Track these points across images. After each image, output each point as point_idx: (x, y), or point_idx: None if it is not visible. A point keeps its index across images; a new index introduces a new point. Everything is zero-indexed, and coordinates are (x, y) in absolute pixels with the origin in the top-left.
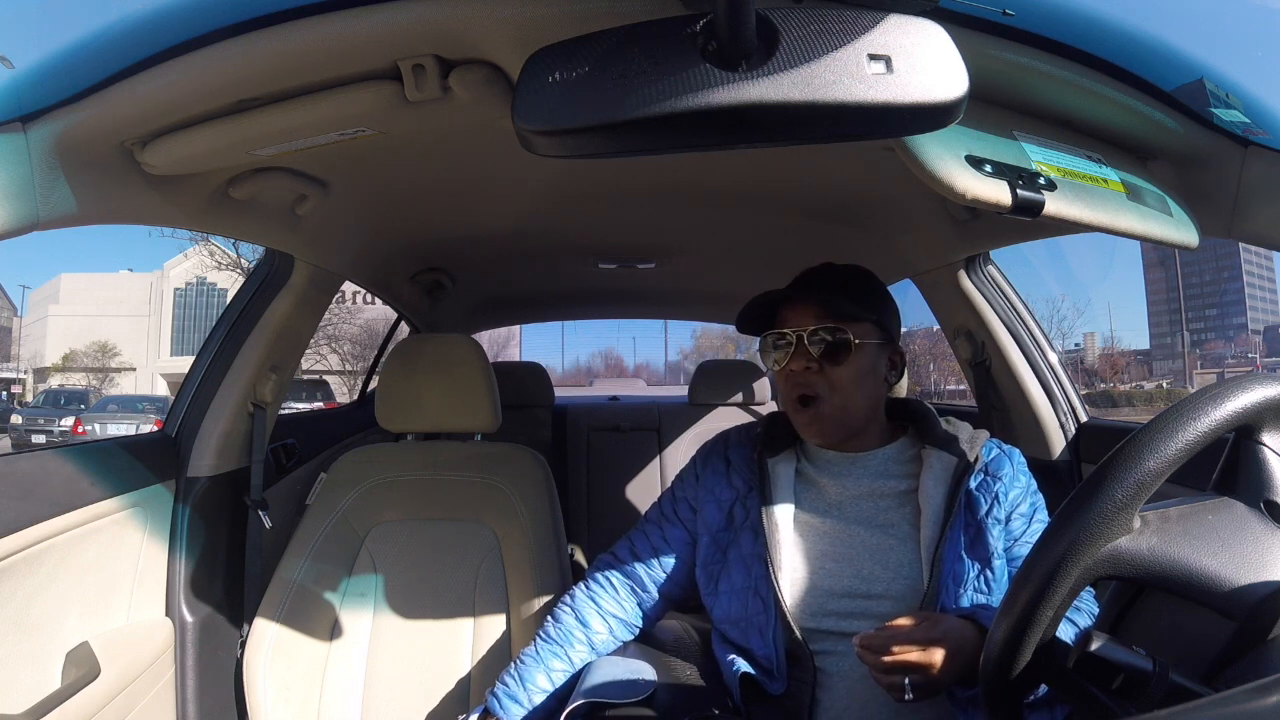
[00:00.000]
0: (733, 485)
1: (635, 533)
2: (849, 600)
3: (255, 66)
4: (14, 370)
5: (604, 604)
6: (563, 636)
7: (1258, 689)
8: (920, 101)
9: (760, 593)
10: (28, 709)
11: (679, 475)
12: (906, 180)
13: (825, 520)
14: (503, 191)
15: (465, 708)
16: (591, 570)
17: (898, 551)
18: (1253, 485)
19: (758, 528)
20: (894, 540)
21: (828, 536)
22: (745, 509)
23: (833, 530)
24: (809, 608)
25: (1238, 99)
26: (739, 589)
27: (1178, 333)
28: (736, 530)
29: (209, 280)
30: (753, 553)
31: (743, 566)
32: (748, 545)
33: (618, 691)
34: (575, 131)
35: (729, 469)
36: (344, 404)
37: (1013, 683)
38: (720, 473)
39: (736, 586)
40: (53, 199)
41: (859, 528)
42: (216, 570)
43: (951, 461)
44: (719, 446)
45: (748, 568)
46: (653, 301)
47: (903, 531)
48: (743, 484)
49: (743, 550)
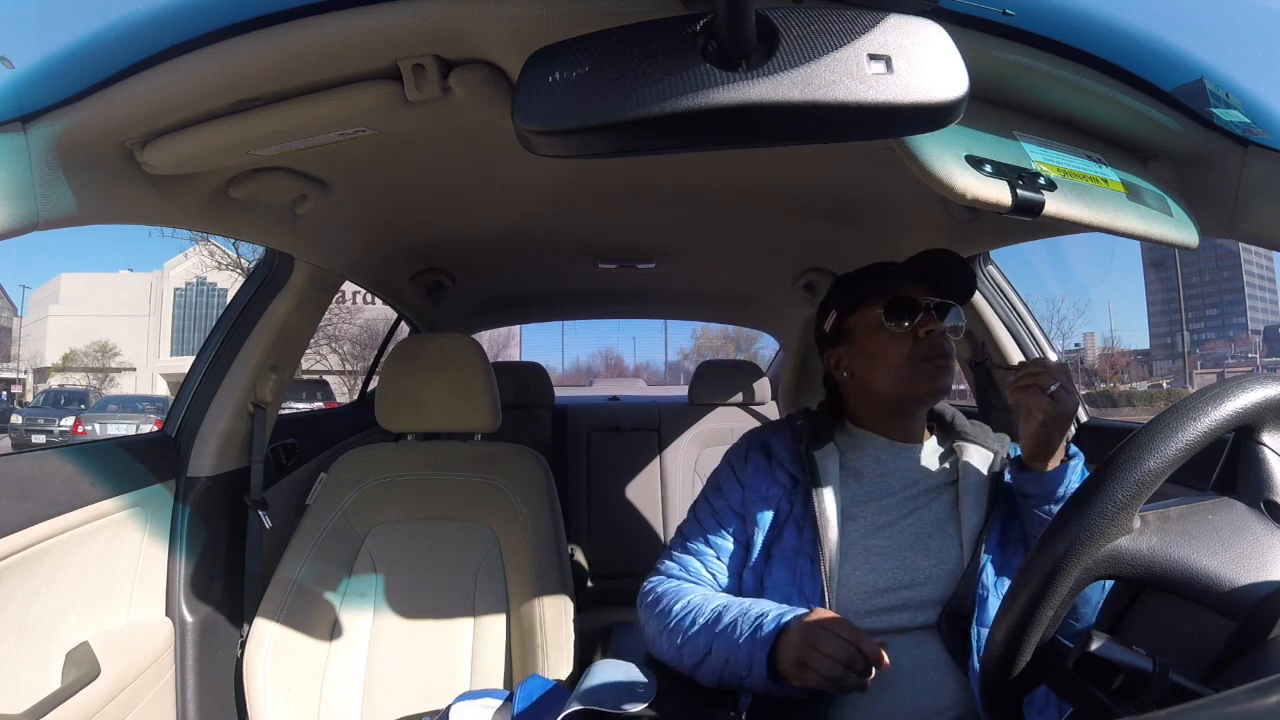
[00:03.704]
0: (778, 480)
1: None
2: (892, 594)
3: (255, 66)
4: (14, 370)
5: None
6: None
7: (1258, 689)
8: (920, 101)
9: (805, 591)
10: (28, 709)
11: (714, 486)
12: (906, 180)
13: (869, 513)
14: (503, 191)
15: None
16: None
17: (937, 538)
18: (1253, 485)
19: (802, 523)
20: (933, 527)
21: (873, 530)
22: (790, 503)
23: (877, 523)
24: (854, 606)
25: (1238, 99)
26: (781, 586)
27: (1178, 333)
28: (780, 525)
29: (209, 280)
30: (796, 548)
31: (786, 564)
32: (791, 541)
33: (616, 697)
34: (575, 131)
35: (771, 463)
36: (344, 404)
37: (1013, 683)
38: (764, 469)
39: (779, 583)
40: (53, 199)
41: (901, 518)
42: (216, 570)
43: (988, 455)
44: (756, 442)
45: (791, 565)
46: (653, 301)
47: (941, 517)
48: (788, 478)
49: (785, 546)
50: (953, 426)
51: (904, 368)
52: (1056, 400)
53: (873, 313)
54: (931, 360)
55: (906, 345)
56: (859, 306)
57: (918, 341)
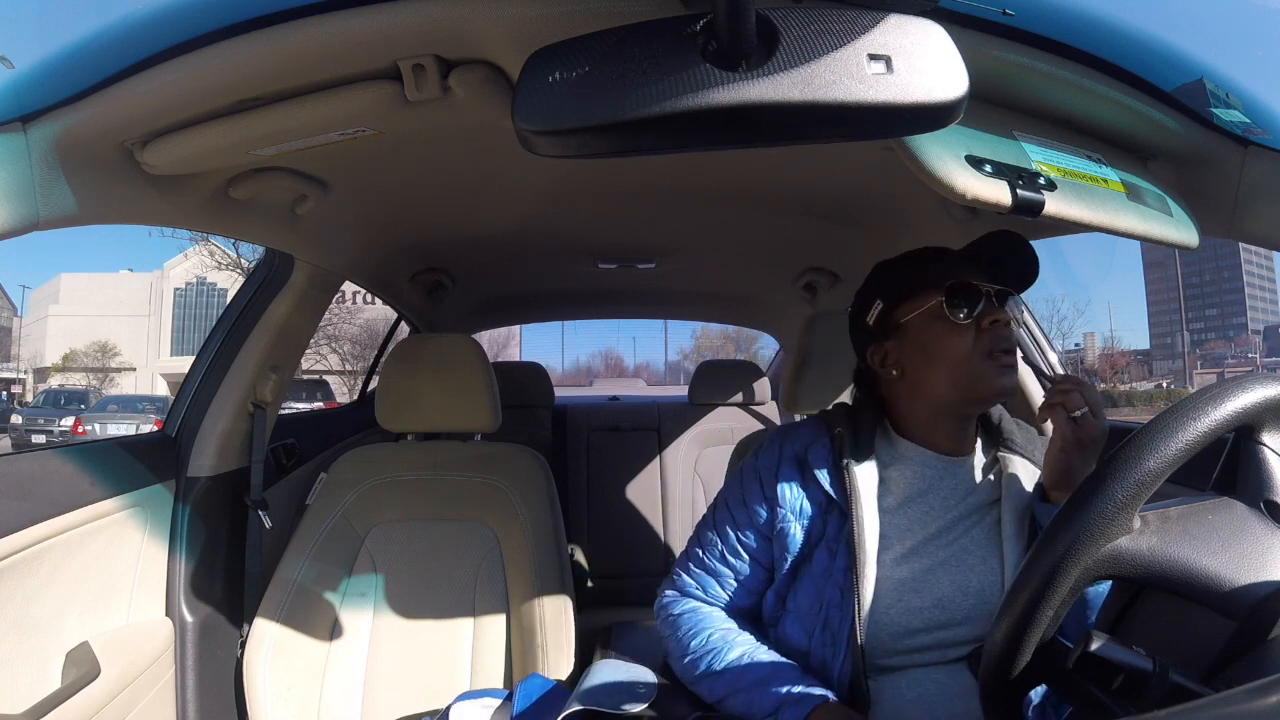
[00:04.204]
0: (813, 498)
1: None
2: (925, 635)
3: (255, 66)
4: (14, 370)
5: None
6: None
7: (1258, 689)
8: (920, 101)
9: (831, 624)
10: (28, 709)
11: (738, 497)
12: (906, 180)
13: (909, 539)
14: (503, 191)
15: None
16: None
17: (978, 573)
18: (1253, 485)
19: (835, 546)
20: (975, 560)
21: (910, 559)
22: (824, 524)
23: (917, 553)
24: (882, 646)
25: (1238, 99)
26: (804, 613)
27: (1178, 333)
28: (811, 546)
29: (209, 280)
30: (826, 574)
31: (813, 588)
32: (821, 564)
33: (616, 697)
34: (575, 131)
35: (806, 479)
36: (344, 404)
37: (1013, 683)
38: (797, 484)
39: (802, 610)
40: (53, 199)
41: (942, 547)
42: (216, 570)
43: (1034, 471)
44: (788, 452)
45: (819, 591)
46: (653, 301)
47: (984, 545)
48: (823, 497)
49: (814, 569)
50: (1000, 432)
51: (967, 363)
52: (1081, 425)
53: (929, 302)
54: (997, 356)
55: (969, 338)
56: (911, 296)
57: (981, 333)
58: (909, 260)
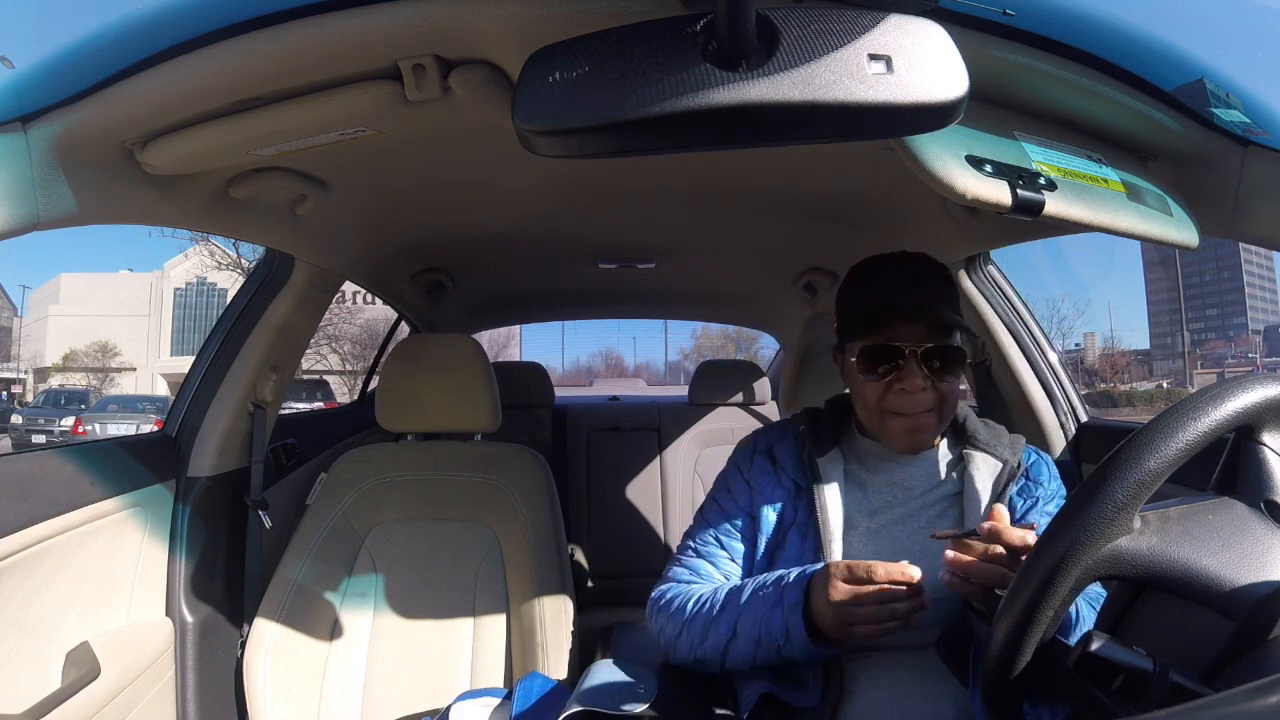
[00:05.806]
0: (783, 485)
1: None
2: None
3: (255, 66)
4: (14, 370)
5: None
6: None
7: (1258, 689)
8: (920, 101)
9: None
10: (28, 709)
11: (723, 488)
12: (906, 180)
13: (872, 525)
14: (503, 191)
15: None
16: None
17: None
18: (1253, 485)
19: (805, 530)
20: (939, 547)
21: (874, 543)
22: (794, 510)
23: (879, 535)
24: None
25: (1238, 99)
26: None
27: (1178, 333)
28: (784, 532)
29: (209, 280)
30: (798, 558)
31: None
32: (793, 549)
33: (616, 697)
34: (575, 131)
35: (776, 468)
36: (344, 404)
37: (1013, 683)
38: (769, 473)
39: None
40: (53, 199)
41: (906, 535)
42: (216, 570)
43: (996, 466)
44: (760, 445)
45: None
46: (653, 301)
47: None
48: (792, 485)
49: (787, 553)
50: (964, 430)
51: (877, 413)
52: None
53: (853, 352)
54: (903, 414)
55: (879, 392)
56: (845, 333)
57: (889, 392)
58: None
